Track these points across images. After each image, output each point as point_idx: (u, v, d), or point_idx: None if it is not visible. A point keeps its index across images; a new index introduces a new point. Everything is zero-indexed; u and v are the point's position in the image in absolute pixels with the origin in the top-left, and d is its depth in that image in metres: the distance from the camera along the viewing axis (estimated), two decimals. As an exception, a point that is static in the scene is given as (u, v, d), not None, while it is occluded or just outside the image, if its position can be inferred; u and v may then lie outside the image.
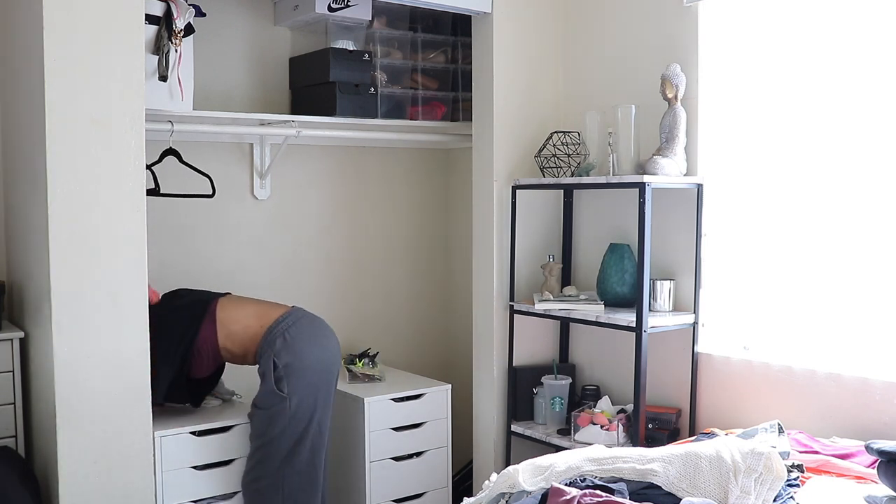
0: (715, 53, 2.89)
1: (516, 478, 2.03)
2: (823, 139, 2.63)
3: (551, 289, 3.19)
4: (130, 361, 2.52)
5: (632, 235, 2.99)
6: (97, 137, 2.43)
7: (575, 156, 3.09)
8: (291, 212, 3.51)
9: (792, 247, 2.71)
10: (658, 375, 3.01)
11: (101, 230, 2.45)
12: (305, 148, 3.50)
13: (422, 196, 3.88)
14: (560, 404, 3.15)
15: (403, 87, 3.53)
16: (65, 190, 2.39)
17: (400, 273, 3.83)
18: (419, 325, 3.90)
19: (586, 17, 3.32)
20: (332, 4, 3.22)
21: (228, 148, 3.33)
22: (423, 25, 3.64)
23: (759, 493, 1.89)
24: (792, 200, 2.71)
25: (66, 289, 2.40)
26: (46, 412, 2.50)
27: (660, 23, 3.03)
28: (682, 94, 2.85)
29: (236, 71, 3.37)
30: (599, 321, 2.92)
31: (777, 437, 2.33)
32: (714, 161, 2.91)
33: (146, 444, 2.56)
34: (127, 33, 2.46)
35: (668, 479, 1.92)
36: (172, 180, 3.01)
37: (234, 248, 3.38)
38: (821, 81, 2.63)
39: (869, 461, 2.19)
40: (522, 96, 3.32)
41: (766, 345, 2.78)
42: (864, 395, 2.50)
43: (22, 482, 2.51)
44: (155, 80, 2.74)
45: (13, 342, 2.66)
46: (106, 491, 2.49)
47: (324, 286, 3.60)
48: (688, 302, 2.96)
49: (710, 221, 2.91)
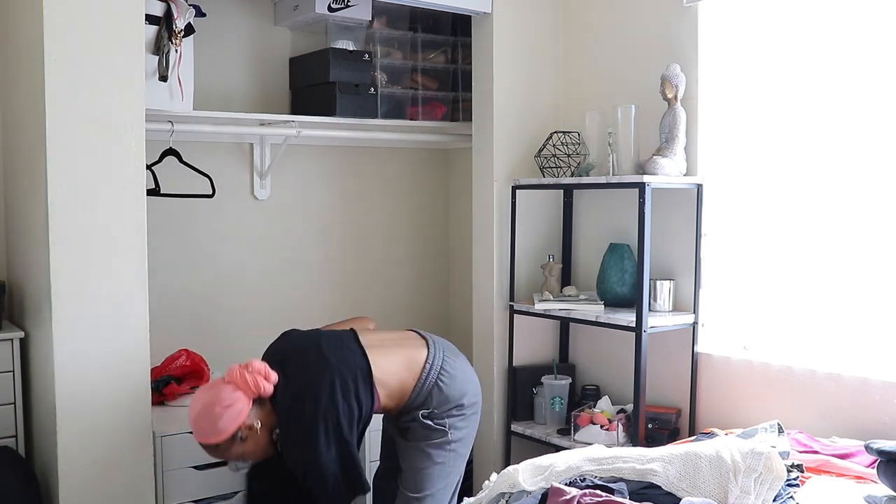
0: (715, 53, 2.89)
1: (516, 478, 2.03)
2: (823, 139, 2.63)
3: (551, 289, 3.19)
4: (130, 361, 2.52)
5: (632, 235, 2.98)
6: (97, 137, 2.43)
7: (575, 156, 3.09)
8: (291, 212, 3.51)
9: (792, 247, 2.71)
10: (658, 375, 3.01)
11: (101, 230, 2.45)
12: (305, 148, 3.50)
13: (422, 196, 3.88)
14: (560, 404, 3.15)
15: (403, 87, 3.53)
16: (65, 190, 2.38)
17: (400, 273, 3.83)
18: (419, 325, 3.87)
19: (586, 17, 3.32)
20: (332, 4, 3.22)
21: (228, 148, 3.33)
22: (423, 25, 3.64)
23: (759, 493, 1.89)
24: (792, 200, 2.71)
25: (66, 289, 2.40)
26: (46, 412, 2.50)
27: (660, 23, 3.03)
28: (682, 94, 2.85)
29: (236, 71, 3.37)
30: (599, 321, 2.92)
31: (777, 437, 2.33)
32: (714, 161, 2.91)
33: (146, 444, 2.56)
34: (127, 33, 2.46)
35: (668, 479, 1.92)
36: (172, 180, 3.01)
37: (234, 248, 3.38)
38: (821, 81, 2.63)
39: (869, 461, 2.19)
40: (522, 96, 3.32)
41: (766, 345, 2.78)
42: (864, 395, 2.50)
43: (22, 482, 2.51)
44: (155, 80, 2.74)
45: (13, 342, 2.66)
46: (106, 491, 2.49)
47: (324, 286, 3.60)
48: (688, 302, 2.96)
49: (710, 221, 2.91)
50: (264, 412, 2.27)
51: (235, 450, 2.25)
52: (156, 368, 2.91)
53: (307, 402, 2.23)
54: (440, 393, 2.38)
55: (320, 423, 2.21)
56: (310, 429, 2.21)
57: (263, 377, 2.24)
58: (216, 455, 2.29)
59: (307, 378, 2.27)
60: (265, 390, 2.24)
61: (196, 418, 2.24)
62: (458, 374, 2.44)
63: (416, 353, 2.43)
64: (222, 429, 2.20)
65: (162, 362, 2.99)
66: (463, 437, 2.42)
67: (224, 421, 2.19)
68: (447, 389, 2.39)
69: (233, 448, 2.24)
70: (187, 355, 3.01)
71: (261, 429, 2.25)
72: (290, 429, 2.25)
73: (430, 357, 2.42)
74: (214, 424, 2.20)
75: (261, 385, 2.22)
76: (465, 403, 2.43)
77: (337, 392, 2.25)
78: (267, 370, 2.25)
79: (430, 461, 2.38)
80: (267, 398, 2.26)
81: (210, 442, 2.23)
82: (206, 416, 2.21)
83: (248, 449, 2.26)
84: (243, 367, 2.25)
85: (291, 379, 2.28)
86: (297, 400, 2.25)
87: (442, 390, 2.39)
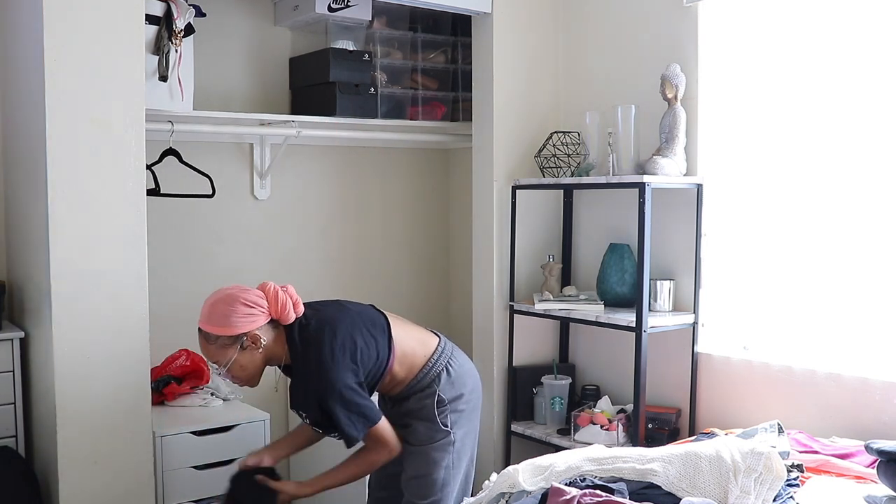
0: (715, 53, 2.89)
1: (516, 478, 2.03)
2: (823, 139, 2.63)
3: (551, 289, 3.19)
4: (130, 361, 2.52)
5: (632, 235, 2.98)
6: (97, 137, 2.43)
7: (575, 156, 3.09)
8: (291, 212, 3.51)
9: (792, 247, 2.71)
10: (658, 375, 3.01)
11: (101, 230, 2.45)
12: (305, 148, 3.50)
13: (422, 196, 3.88)
14: (560, 404, 3.15)
15: (403, 87, 3.53)
16: (65, 190, 2.39)
17: (400, 273, 3.83)
18: (419, 325, 3.89)
19: (586, 18, 3.32)
20: (332, 4, 3.22)
21: (228, 148, 3.33)
22: (423, 25, 3.64)
23: (759, 493, 1.89)
24: (792, 200, 2.71)
25: (66, 289, 2.40)
26: (46, 412, 2.50)
27: (660, 23, 3.03)
28: (681, 94, 2.85)
29: (236, 71, 3.37)
30: (599, 321, 2.92)
31: (777, 436, 2.33)
32: (714, 161, 2.91)
33: (146, 444, 2.56)
34: (127, 33, 2.46)
35: (668, 479, 1.92)
36: (172, 180, 3.01)
37: (234, 248, 3.38)
38: (821, 81, 2.63)
39: (868, 461, 2.19)
40: (522, 96, 3.32)
41: (766, 345, 2.78)
42: (864, 395, 2.50)
43: (22, 482, 2.51)
44: (155, 80, 2.74)
45: (13, 342, 2.66)
46: (106, 491, 2.49)
47: (324, 286, 3.60)
48: (688, 302, 2.96)
49: (710, 221, 2.91)
50: (273, 338, 2.25)
51: (229, 353, 2.21)
52: (156, 368, 2.91)
53: (326, 332, 2.24)
54: (448, 378, 2.38)
55: (337, 349, 2.21)
56: (330, 351, 2.21)
57: (293, 302, 2.25)
58: (208, 350, 2.24)
59: (329, 314, 2.31)
60: (288, 314, 2.23)
61: (213, 303, 2.22)
62: (464, 368, 2.46)
63: (429, 338, 2.47)
64: (233, 323, 2.17)
65: (162, 362, 2.99)
66: (464, 436, 2.42)
67: (238, 317, 2.18)
68: (455, 375, 2.40)
69: (228, 350, 2.21)
70: (187, 355, 3.01)
71: (262, 350, 2.23)
72: (308, 354, 2.23)
73: (441, 345, 2.45)
74: (228, 316, 2.18)
75: (287, 307, 2.23)
76: (467, 395, 2.42)
77: (357, 328, 2.29)
78: (298, 299, 2.27)
79: (435, 466, 2.37)
80: (283, 329, 2.26)
81: (213, 331, 2.20)
82: (223, 305, 2.20)
83: (241, 360, 2.22)
84: (280, 286, 2.25)
85: (315, 313, 2.31)
86: (318, 331, 2.25)
87: (451, 375, 2.39)
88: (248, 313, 2.19)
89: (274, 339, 2.26)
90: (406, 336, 2.40)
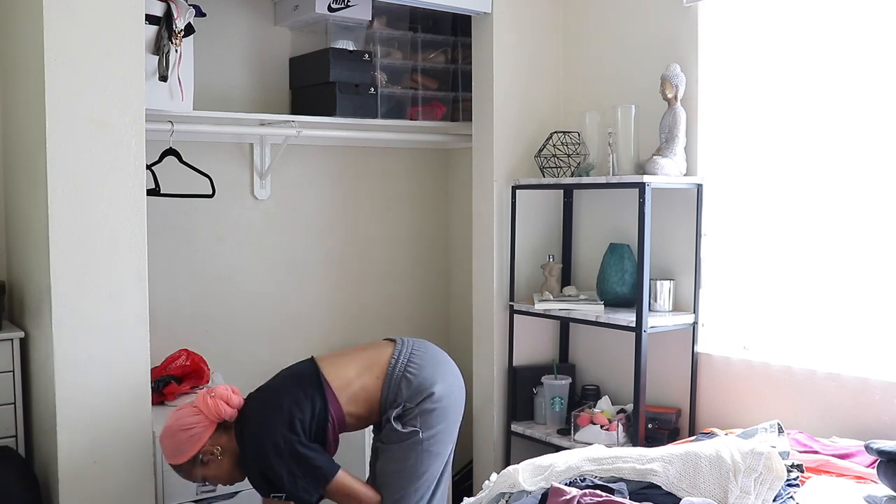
0: (715, 53, 2.89)
1: (516, 478, 2.03)
2: (823, 139, 2.63)
3: (551, 289, 3.19)
4: (130, 361, 2.52)
5: (632, 235, 2.99)
6: (97, 137, 2.43)
7: (575, 156, 3.09)
8: (291, 212, 3.51)
9: (792, 247, 2.72)
10: (658, 375, 3.01)
11: (101, 230, 2.45)
12: (305, 148, 3.50)
13: (422, 196, 3.88)
14: (560, 404, 3.15)
15: (403, 87, 3.53)
16: (65, 190, 2.39)
17: (400, 273, 3.83)
18: (419, 325, 3.89)
19: (586, 18, 3.32)
20: (332, 4, 3.22)
21: (228, 148, 3.33)
22: (423, 25, 3.64)
23: (759, 493, 1.89)
24: (792, 200, 2.71)
25: (66, 289, 2.40)
26: (46, 412, 2.50)
27: (660, 23, 3.03)
28: (681, 94, 2.85)
29: (236, 71, 3.37)
30: (599, 321, 2.92)
31: (777, 436, 2.33)
32: (714, 161, 2.91)
33: (146, 444, 2.56)
34: (127, 33, 2.46)
35: (668, 479, 1.92)
36: (172, 180, 3.01)
37: (234, 248, 3.38)
38: (821, 81, 2.63)
39: (868, 461, 2.19)
40: (522, 96, 3.32)
41: (766, 345, 2.78)
42: (864, 395, 2.50)
43: (22, 482, 2.51)
44: (155, 80, 2.74)
45: (13, 342, 2.66)
46: (106, 491, 2.49)
47: (324, 286, 3.60)
48: (688, 302, 2.96)
49: (710, 221, 2.91)
50: (227, 438, 2.35)
51: (197, 472, 2.35)
52: (156, 368, 2.91)
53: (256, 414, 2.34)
54: (409, 385, 2.38)
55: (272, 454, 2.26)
56: (266, 460, 2.28)
57: (225, 402, 2.32)
58: (182, 475, 2.38)
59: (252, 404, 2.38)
60: (226, 414, 2.32)
61: (161, 439, 2.37)
62: (426, 363, 2.43)
63: (379, 354, 2.46)
64: (182, 451, 2.31)
65: (162, 362, 2.99)
66: (436, 434, 2.38)
67: (182, 443, 2.30)
68: (416, 379, 2.39)
69: (194, 470, 2.35)
70: (187, 355, 3.01)
71: (223, 454, 2.34)
72: (246, 458, 2.34)
73: (396, 353, 2.44)
74: (175, 446, 2.32)
75: (221, 409, 2.31)
76: (437, 393, 2.38)
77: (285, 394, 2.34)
78: (229, 394, 2.35)
79: (399, 464, 2.37)
80: (233, 424, 2.35)
81: (173, 462, 2.35)
82: (167, 439, 2.33)
83: (211, 472, 2.36)
84: (208, 391, 2.35)
85: (248, 403, 2.39)
86: (250, 417, 2.35)
87: (411, 381, 2.38)
88: (189, 437, 2.30)
89: (229, 439, 2.36)
90: (344, 371, 2.40)
